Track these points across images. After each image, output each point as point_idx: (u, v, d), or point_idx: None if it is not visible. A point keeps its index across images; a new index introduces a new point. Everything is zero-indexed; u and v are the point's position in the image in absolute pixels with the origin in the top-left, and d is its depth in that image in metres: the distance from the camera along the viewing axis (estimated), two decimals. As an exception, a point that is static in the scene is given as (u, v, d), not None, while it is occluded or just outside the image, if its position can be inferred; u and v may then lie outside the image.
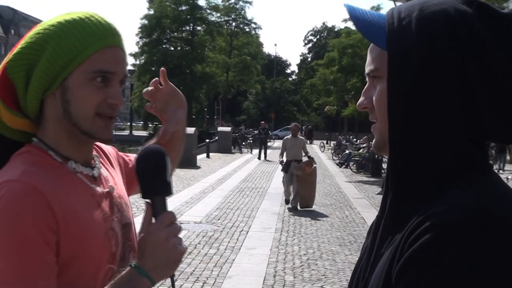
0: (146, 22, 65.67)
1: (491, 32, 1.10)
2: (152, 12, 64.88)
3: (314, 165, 14.94)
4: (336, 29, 79.68)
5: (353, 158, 28.85)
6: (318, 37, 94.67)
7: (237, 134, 45.20)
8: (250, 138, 45.92)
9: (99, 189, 1.56)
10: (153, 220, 1.47)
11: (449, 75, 1.10)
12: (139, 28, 65.94)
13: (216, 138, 40.25)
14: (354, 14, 1.24)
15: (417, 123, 1.13)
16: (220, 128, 43.34)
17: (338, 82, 40.98)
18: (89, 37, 1.46)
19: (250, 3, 69.62)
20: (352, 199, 17.21)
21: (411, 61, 1.12)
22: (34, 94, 1.48)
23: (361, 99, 1.27)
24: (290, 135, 15.41)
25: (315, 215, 13.97)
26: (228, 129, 42.96)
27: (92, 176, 1.57)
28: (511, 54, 1.10)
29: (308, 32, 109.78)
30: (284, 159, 15.01)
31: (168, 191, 1.50)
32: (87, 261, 1.46)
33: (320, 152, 44.49)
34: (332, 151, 39.21)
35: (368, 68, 1.24)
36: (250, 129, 57.74)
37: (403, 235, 1.08)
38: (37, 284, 1.35)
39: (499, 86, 1.10)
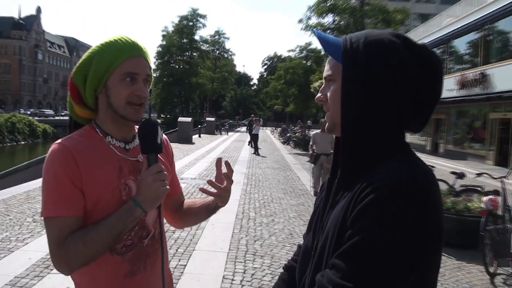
0: (160, 49, 65.82)
1: (411, 56, 1.08)
2: (164, 43, 64.64)
3: None
4: (282, 57, 79.68)
5: (292, 139, 29.09)
6: (271, 61, 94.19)
7: (218, 122, 45.20)
8: (227, 125, 46.25)
9: (126, 157, 1.50)
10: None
11: (385, 81, 1.08)
12: (156, 53, 66.06)
13: (205, 125, 40.22)
14: (321, 36, 1.20)
15: (363, 113, 1.09)
16: (207, 118, 43.50)
17: (283, 90, 40.99)
18: (119, 51, 1.44)
19: (228, 38, 71.13)
20: (291, 164, 17.14)
21: (359, 71, 1.09)
22: (89, 92, 1.48)
23: (318, 95, 1.23)
24: (320, 130, 10.83)
25: (268, 174, 13.81)
26: (213, 119, 43.42)
27: (123, 148, 1.52)
28: (425, 72, 1.09)
29: (265, 58, 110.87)
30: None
31: (159, 150, 1.45)
32: (102, 205, 1.41)
33: (271, 135, 44.58)
34: (279, 134, 39.36)
35: (326, 73, 1.20)
36: (227, 119, 58.15)
37: (354, 193, 1.04)
38: (59, 205, 1.37)
39: (416, 94, 1.09)
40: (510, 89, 17.07)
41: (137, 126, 1.50)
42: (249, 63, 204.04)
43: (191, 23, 57.95)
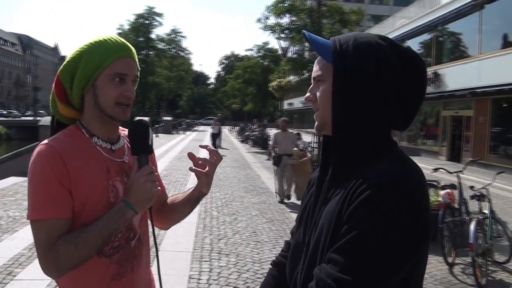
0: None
1: (397, 58, 1.13)
2: None
3: (308, 156, 10.77)
4: (240, 56, 79.76)
5: (250, 138, 29.15)
6: (228, 60, 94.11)
7: (175, 122, 44.70)
8: (184, 125, 45.72)
9: (112, 158, 1.50)
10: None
11: (374, 82, 1.11)
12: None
13: (162, 124, 39.65)
14: (311, 38, 1.22)
15: (355, 112, 1.12)
16: (164, 118, 42.81)
17: (241, 89, 41.11)
18: (109, 51, 1.42)
19: (185, 37, 69.96)
20: (251, 163, 17.24)
21: (349, 71, 1.12)
22: (76, 91, 1.45)
23: (308, 94, 1.24)
24: (281, 130, 10.41)
25: (228, 173, 13.82)
26: (170, 118, 42.75)
27: (109, 149, 1.51)
28: (410, 73, 1.13)
29: (222, 57, 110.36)
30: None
31: (149, 151, 1.45)
32: (91, 207, 1.40)
33: (229, 133, 44.55)
34: (237, 133, 39.36)
35: (315, 74, 1.21)
36: (184, 119, 57.54)
37: (349, 190, 1.07)
38: (48, 207, 1.34)
39: (402, 94, 1.14)
40: (461, 88, 17.81)
41: (122, 128, 1.51)
42: (206, 62, 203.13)
43: (147, 22, 56.76)
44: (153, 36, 59.36)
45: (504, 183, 11.98)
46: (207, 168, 1.62)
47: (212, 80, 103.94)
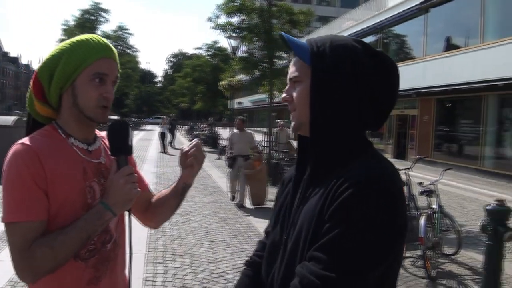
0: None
1: (371, 60, 1.17)
2: (65, 37, 60.16)
3: (264, 161, 10.16)
4: (188, 54, 79.07)
5: (199, 137, 28.97)
6: (176, 58, 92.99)
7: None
8: (131, 124, 44.93)
9: (89, 159, 1.46)
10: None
11: (351, 83, 1.14)
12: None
13: (109, 123, 38.56)
14: (289, 39, 1.23)
15: (333, 112, 1.14)
16: (111, 117, 41.60)
17: (190, 88, 40.69)
18: (91, 51, 1.40)
19: (132, 34, 68.25)
20: (201, 163, 17.10)
21: (327, 73, 1.14)
22: (54, 90, 1.42)
23: (284, 95, 1.25)
24: (237, 129, 9.77)
25: (178, 173, 13.41)
26: (116, 117, 41.73)
27: (86, 150, 1.47)
28: (382, 75, 1.17)
29: (169, 55, 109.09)
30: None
31: (129, 151, 1.42)
32: (68, 208, 1.35)
33: (178, 133, 44.11)
34: (186, 132, 39.00)
35: (292, 75, 1.23)
36: (131, 117, 56.46)
37: (330, 189, 1.09)
38: (23, 209, 1.29)
39: (376, 95, 1.17)
40: (407, 88, 18.39)
41: (98, 131, 1.50)
42: (154, 60, 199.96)
43: (93, 17, 55.06)
44: (99, 32, 57.54)
45: (448, 179, 12.49)
46: (191, 158, 1.61)
47: (159, 79, 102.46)
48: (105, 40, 1.46)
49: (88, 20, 54.81)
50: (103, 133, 1.61)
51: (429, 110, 19.19)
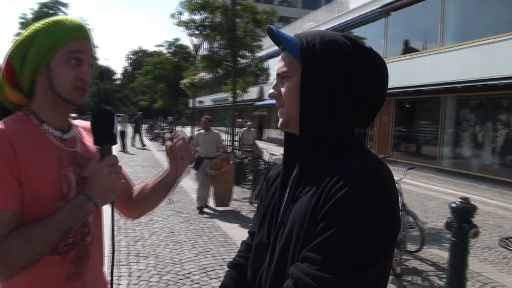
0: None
1: (360, 56, 1.15)
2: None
3: (231, 161, 9.16)
4: (148, 51, 77.98)
5: (159, 135, 28.73)
6: (136, 56, 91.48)
7: (80, 119, 42.73)
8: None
9: (64, 147, 1.39)
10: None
11: (341, 79, 1.12)
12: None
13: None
14: (279, 33, 1.20)
15: (323, 108, 1.12)
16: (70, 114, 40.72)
17: (150, 86, 40.15)
18: (65, 31, 1.34)
19: (91, 29, 66.80)
20: (162, 162, 16.82)
21: (317, 68, 1.13)
22: (27, 73, 1.35)
23: (271, 90, 1.23)
24: (203, 129, 9.24)
25: (139, 172, 13.35)
26: (74, 115, 40.75)
27: (61, 138, 1.40)
28: (371, 71, 1.15)
29: (129, 52, 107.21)
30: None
31: (113, 141, 1.36)
32: (41, 198, 1.27)
33: (143, 131, 43.51)
34: (146, 131, 38.46)
35: (280, 70, 1.20)
36: (89, 116, 55.28)
37: (323, 187, 1.05)
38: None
39: (365, 91, 1.15)
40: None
41: (74, 119, 1.44)
42: (113, 56, 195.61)
43: (52, 11, 53.42)
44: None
45: (408, 178, 12.75)
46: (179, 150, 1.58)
47: (118, 76, 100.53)
48: (79, 21, 1.40)
49: (47, 14, 53.23)
50: (78, 122, 1.57)
51: (388, 111, 19.61)
